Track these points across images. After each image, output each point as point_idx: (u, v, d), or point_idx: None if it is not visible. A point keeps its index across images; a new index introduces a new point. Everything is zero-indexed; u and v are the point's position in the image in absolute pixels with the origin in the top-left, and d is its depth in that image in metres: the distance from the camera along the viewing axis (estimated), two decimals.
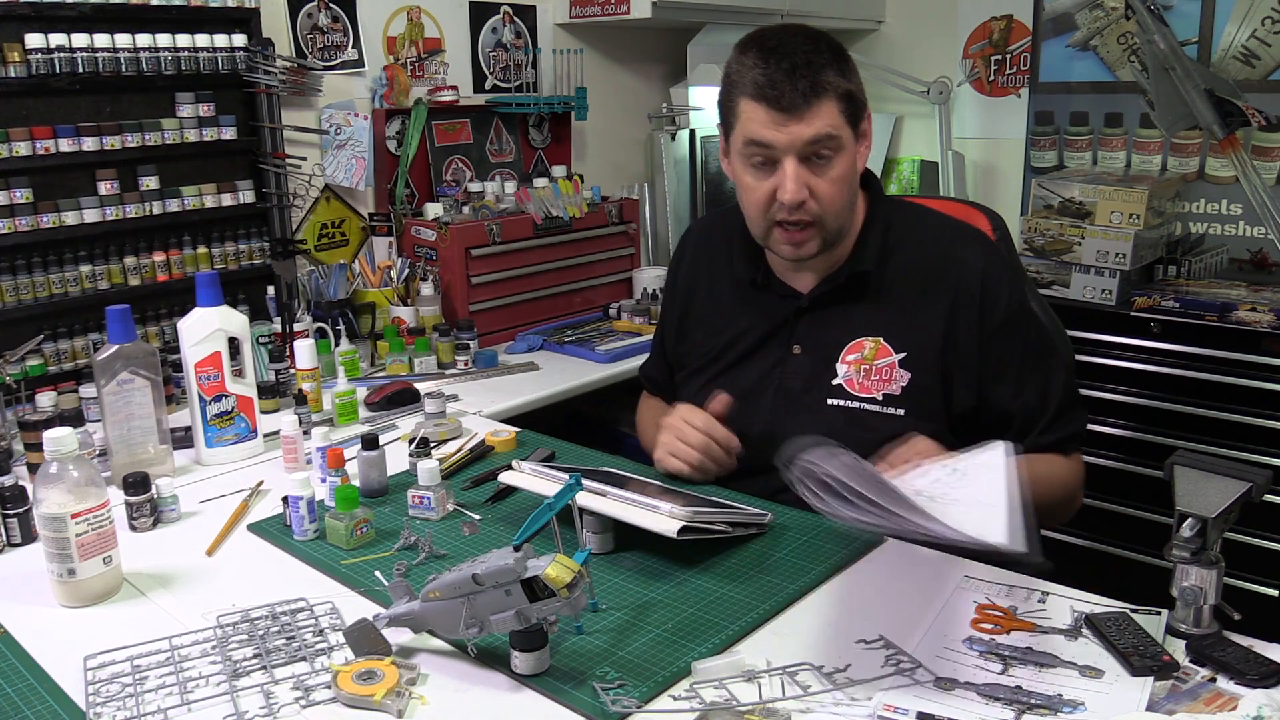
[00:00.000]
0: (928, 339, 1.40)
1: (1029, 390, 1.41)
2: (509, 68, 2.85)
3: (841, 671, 1.00)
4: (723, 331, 1.54)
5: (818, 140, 1.31)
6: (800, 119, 1.30)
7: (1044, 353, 1.44)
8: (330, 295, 2.28)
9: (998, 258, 1.45)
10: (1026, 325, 1.43)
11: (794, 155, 1.31)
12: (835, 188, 1.34)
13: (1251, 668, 0.96)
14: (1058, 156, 3.05)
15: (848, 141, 1.34)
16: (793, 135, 1.30)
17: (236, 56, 2.16)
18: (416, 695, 0.99)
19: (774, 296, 1.50)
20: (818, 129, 1.30)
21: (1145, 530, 2.49)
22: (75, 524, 1.16)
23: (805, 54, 1.30)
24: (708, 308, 1.58)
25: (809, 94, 1.29)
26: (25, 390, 1.82)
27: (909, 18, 3.32)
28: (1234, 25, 2.67)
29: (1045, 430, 1.41)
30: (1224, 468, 1.03)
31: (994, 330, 1.39)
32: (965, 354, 1.40)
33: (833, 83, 1.31)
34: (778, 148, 1.32)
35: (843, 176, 1.35)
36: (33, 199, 1.94)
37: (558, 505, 1.08)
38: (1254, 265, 2.74)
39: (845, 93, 1.32)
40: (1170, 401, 2.45)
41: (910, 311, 1.41)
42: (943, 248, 1.44)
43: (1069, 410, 1.44)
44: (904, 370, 1.40)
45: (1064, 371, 1.45)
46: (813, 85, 1.29)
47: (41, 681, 1.03)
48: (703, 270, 1.60)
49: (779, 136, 1.31)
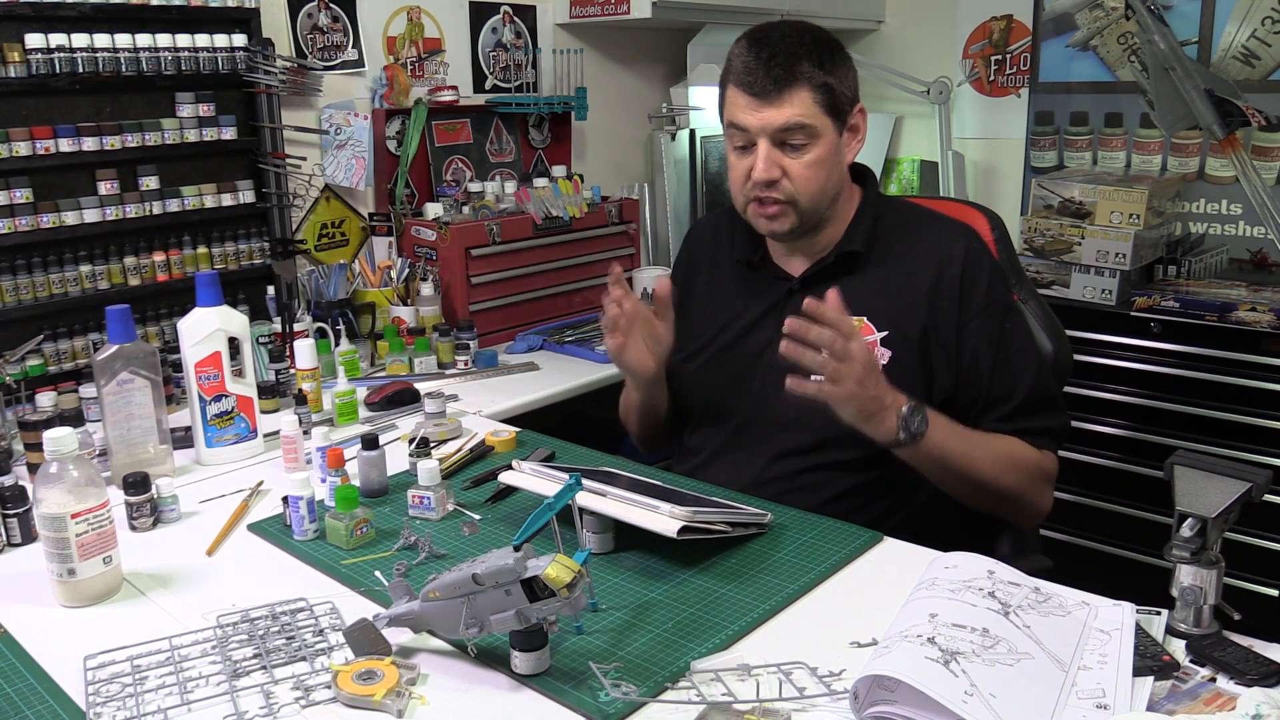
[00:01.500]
0: (909, 320, 1.45)
1: (997, 377, 1.44)
2: (509, 68, 2.85)
3: (836, 675, 0.99)
4: (719, 313, 1.59)
5: (788, 127, 1.39)
6: (773, 105, 1.39)
7: (1020, 347, 1.47)
8: (330, 295, 2.28)
9: (982, 251, 1.50)
10: (1004, 317, 1.46)
11: (766, 138, 1.40)
12: (809, 171, 1.41)
13: (1251, 667, 0.96)
14: (1058, 156, 3.05)
15: (824, 130, 1.41)
16: (764, 120, 1.39)
17: (236, 56, 2.16)
18: (416, 695, 0.99)
19: (768, 278, 1.56)
20: (788, 116, 1.38)
21: (1145, 530, 2.49)
22: (75, 524, 1.16)
23: (787, 45, 1.39)
24: (707, 291, 1.63)
25: (781, 82, 1.38)
26: (25, 390, 1.82)
27: (909, 18, 3.32)
28: (1234, 25, 2.68)
29: (1007, 417, 1.43)
30: (1224, 468, 1.03)
31: (971, 316, 1.44)
32: (945, 338, 1.45)
33: (807, 73, 1.38)
34: (751, 130, 1.41)
35: (817, 162, 1.42)
36: (33, 199, 1.94)
37: (558, 505, 1.08)
38: (1254, 265, 2.75)
39: (822, 84, 1.39)
40: (1170, 401, 2.45)
41: (893, 293, 1.47)
42: (929, 236, 1.50)
43: (1042, 407, 1.46)
44: (885, 349, 1.45)
45: (1034, 369, 1.46)
46: (786, 74, 1.38)
47: (41, 681, 1.03)
48: (705, 255, 1.66)
49: (752, 120, 1.40)
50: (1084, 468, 2.58)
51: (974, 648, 0.92)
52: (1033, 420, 1.44)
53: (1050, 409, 1.47)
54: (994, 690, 0.86)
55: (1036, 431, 1.44)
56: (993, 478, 1.39)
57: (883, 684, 0.89)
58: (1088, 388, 2.56)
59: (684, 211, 3.12)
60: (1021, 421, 1.44)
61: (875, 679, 0.90)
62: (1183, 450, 1.07)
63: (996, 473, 1.39)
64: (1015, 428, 1.43)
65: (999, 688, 0.87)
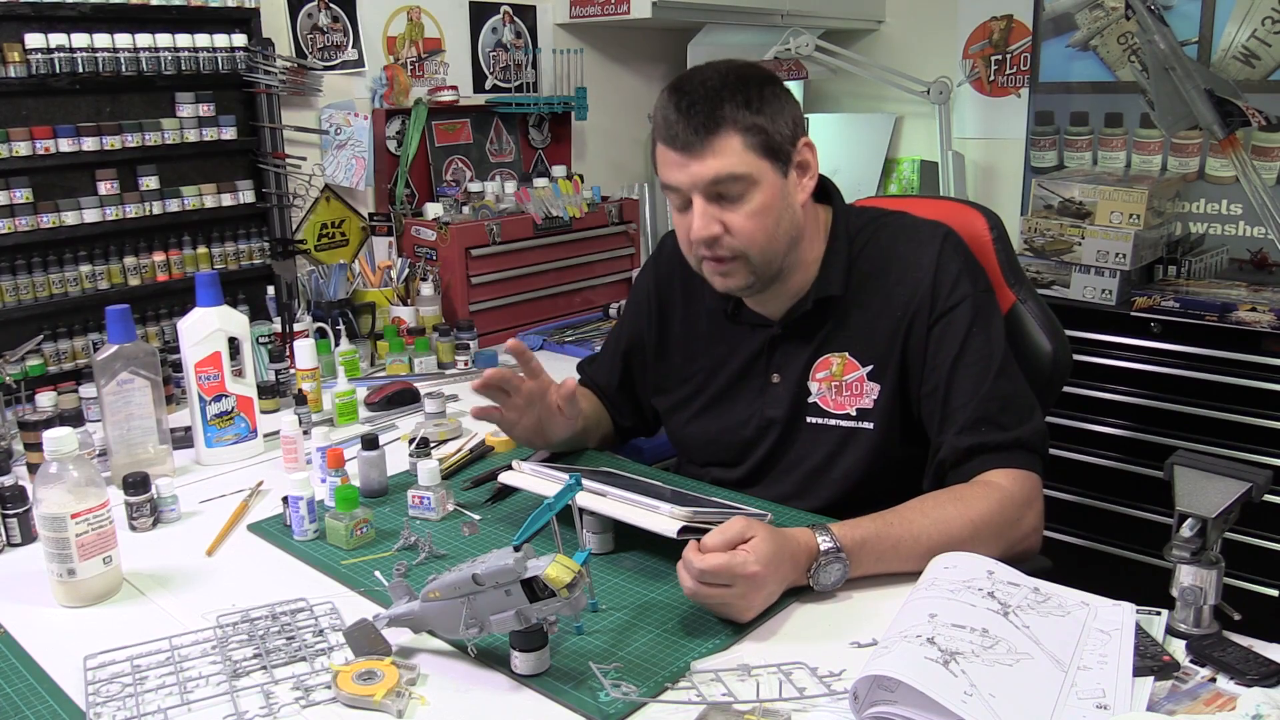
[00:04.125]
0: (890, 349, 1.37)
1: (959, 384, 1.32)
2: (509, 68, 2.85)
3: (836, 676, 0.99)
4: (700, 358, 1.52)
5: (718, 180, 1.27)
6: (697, 158, 1.26)
7: (986, 351, 1.33)
8: (330, 295, 2.28)
9: (952, 253, 1.38)
10: (971, 319, 1.34)
11: (699, 194, 1.28)
12: (752, 222, 1.29)
13: (1251, 668, 0.96)
14: (1058, 156, 3.05)
15: (761, 175, 1.28)
16: (693, 176, 1.27)
17: (236, 56, 2.16)
18: (416, 695, 0.99)
19: (746, 326, 1.47)
20: (716, 169, 1.26)
21: (1145, 530, 2.49)
22: (75, 524, 1.16)
23: (707, 90, 1.26)
24: (684, 331, 1.55)
25: (703, 131, 1.25)
26: (25, 390, 1.82)
27: (909, 18, 3.32)
28: (1234, 25, 2.67)
29: (970, 428, 1.29)
30: (1224, 468, 1.03)
31: (937, 319, 1.35)
32: (917, 352, 1.36)
33: (732, 117, 1.25)
34: (682, 188, 1.29)
35: (760, 210, 1.29)
36: (33, 199, 1.94)
37: (558, 505, 1.08)
38: (1254, 265, 2.75)
39: (750, 126, 1.26)
40: (1170, 401, 2.45)
41: (872, 322, 1.38)
42: (904, 253, 1.39)
43: (1009, 414, 1.30)
44: (873, 383, 1.38)
45: (997, 375, 1.32)
46: (707, 122, 1.25)
47: (41, 681, 1.03)
48: (678, 288, 1.56)
49: (680, 177, 1.28)
50: (1084, 468, 2.58)
51: (973, 648, 0.92)
52: (997, 432, 1.28)
53: (1019, 415, 1.31)
54: (993, 690, 0.87)
55: (1008, 446, 1.28)
56: (957, 547, 1.18)
57: (883, 684, 0.89)
58: (1088, 388, 2.56)
59: None
60: (987, 434, 1.28)
61: (875, 679, 0.90)
62: (1183, 450, 1.07)
63: (958, 545, 1.17)
64: (979, 442, 1.28)
65: (998, 688, 0.87)
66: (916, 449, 1.38)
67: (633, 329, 1.63)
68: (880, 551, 1.17)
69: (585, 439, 1.62)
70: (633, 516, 1.19)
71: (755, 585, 1.07)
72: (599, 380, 1.68)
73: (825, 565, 1.14)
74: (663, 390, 1.59)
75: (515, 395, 1.44)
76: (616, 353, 1.66)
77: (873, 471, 1.39)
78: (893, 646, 0.92)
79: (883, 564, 1.18)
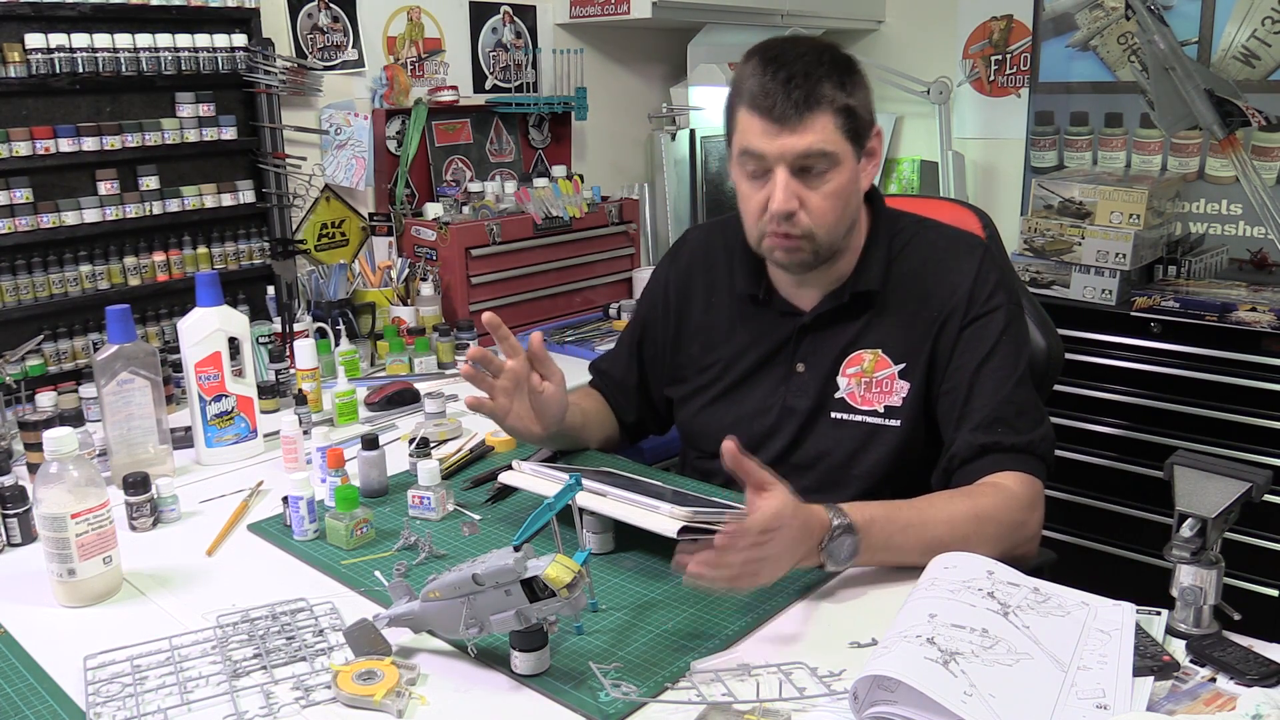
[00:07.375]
0: (922, 348, 1.39)
1: (980, 387, 1.34)
2: (509, 68, 2.85)
3: (836, 676, 0.99)
4: (720, 347, 1.52)
5: (809, 154, 1.29)
6: (793, 131, 1.28)
7: (1010, 361, 1.37)
8: (330, 295, 2.28)
9: (992, 264, 1.42)
10: (1001, 328, 1.37)
11: (785, 166, 1.30)
12: (827, 203, 1.32)
13: (1251, 667, 0.96)
14: (1058, 156, 3.05)
15: (845, 157, 1.31)
16: (783, 147, 1.29)
17: (236, 56, 2.16)
18: (416, 695, 0.99)
19: (775, 314, 1.47)
20: (809, 143, 1.28)
21: (1145, 530, 2.49)
22: (75, 524, 1.16)
23: (804, 65, 1.28)
24: (705, 320, 1.55)
25: (802, 106, 1.27)
26: (25, 390, 1.82)
27: (909, 18, 3.32)
28: (1234, 25, 2.68)
29: (984, 427, 1.32)
30: (1224, 468, 1.03)
31: (970, 321, 1.37)
32: (944, 352, 1.38)
33: (829, 96, 1.28)
34: (769, 158, 1.30)
35: (837, 192, 1.32)
36: (33, 199, 1.94)
37: (558, 505, 1.08)
38: (1254, 265, 2.75)
39: (844, 108, 1.29)
40: (1170, 401, 2.45)
41: (907, 322, 1.40)
42: (943, 256, 1.42)
43: (1022, 419, 1.33)
44: (904, 381, 1.40)
45: (1015, 382, 1.35)
46: (807, 97, 1.27)
47: (41, 681, 1.03)
48: (699, 279, 1.57)
49: (770, 147, 1.29)
50: (1084, 468, 2.58)
51: (973, 648, 0.92)
52: (1011, 434, 1.31)
53: (1033, 421, 1.34)
54: (993, 690, 0.87)
55: (1019, 449, 1.31)
56: (960, 544, 1.19)
57: (882, 684, 0.89)
58: (1088, 388, 2.56)
59: (684, 211, 3.13)
60: (1001, 435, 1.31)
61: (875, 679, 0.90)
62: (1183, 450, 1.07)
63: (963, 538, 1.20)
64: (992, 441, 1.31)
65: (998, 688, 0.87)
66: (936, 450, 1.39)
67: (647, 320, 1.64)
68: (889, 533, 1.19)
69: (586, 436, 1.61)
70: (633, 516, 1.19)
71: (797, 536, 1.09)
72: (613, 373, 1.68)
73: (837, 538, 1.15)
74: (678, 380, 1.59)
75: (499, 377, 1.43)
76: (632, 343, 1.66)
77: (894, 470, 1.40)
78: (893, 646, 0.92)
79: (891, 546, 1.19)
